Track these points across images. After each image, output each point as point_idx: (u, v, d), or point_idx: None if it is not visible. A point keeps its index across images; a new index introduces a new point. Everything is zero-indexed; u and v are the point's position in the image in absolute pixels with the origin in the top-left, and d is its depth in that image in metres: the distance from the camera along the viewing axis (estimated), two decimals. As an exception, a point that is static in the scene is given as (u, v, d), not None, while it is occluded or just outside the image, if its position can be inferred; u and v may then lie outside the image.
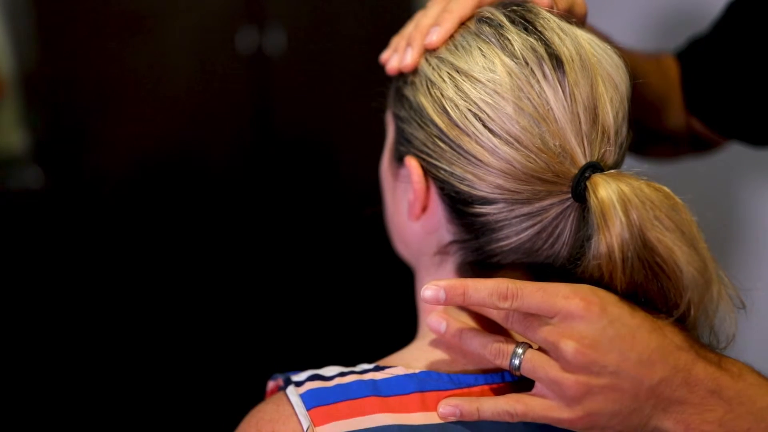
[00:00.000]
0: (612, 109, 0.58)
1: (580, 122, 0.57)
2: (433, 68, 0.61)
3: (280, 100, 1.73)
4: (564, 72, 0.57)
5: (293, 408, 0.58)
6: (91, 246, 1.62)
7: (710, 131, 0.91)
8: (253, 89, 1.70)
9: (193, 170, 1.69)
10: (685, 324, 0.57)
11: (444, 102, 0.59)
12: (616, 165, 0.60)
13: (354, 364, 0.63)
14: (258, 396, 0.65)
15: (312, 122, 1.75)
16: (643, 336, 0.54)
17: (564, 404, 0.55)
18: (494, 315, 0.59)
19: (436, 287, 0.56)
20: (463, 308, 0.62)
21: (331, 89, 1.74)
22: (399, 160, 0.66)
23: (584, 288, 0.56)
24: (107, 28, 1.56)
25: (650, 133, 0.91)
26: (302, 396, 0.58)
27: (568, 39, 0.59)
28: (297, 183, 1.76)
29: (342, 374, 0.61)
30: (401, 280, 0.74)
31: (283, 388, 0.61)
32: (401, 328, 0.83)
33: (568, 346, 0.53)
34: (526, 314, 0.57)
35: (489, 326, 0.61)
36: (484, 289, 0.56)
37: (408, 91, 0.64)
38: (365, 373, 0.61)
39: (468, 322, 0.62)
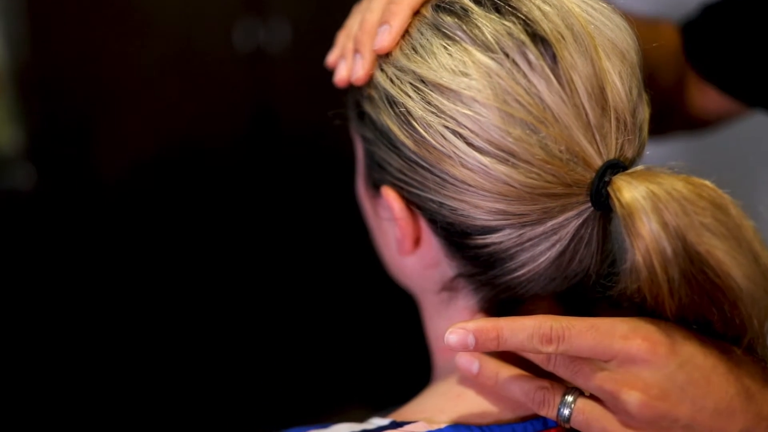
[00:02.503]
0: (623, 86, 0.48)
1: (586, 114, 0.47)
2: (392, 81, 0.51)
3: (283, 103, 1.64)
4: (554, 55, 0.47)
5: None
6: (86, 248, 1.55)
7: (732, 100, 0.82)
8: (254, 91, 1.61)
9: (192, 171, 1.63)
10: (753, 347, 0.48)
11: (413, 122, 0.49)
12: (639, 154, 0.50)
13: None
14: (254, 399, 0.56)
15: (319, 126, 1.64)
16: (719, 380, 0.46)
17: None
18: (532, 356, 0.50)
19: (464, 331, 0.47)
20: None
21: (341, 90, 1.64)
22: (376, 188, 0.56)
23: (645, 324, 0.46)
24: (101, 21, 1.48)
25: None
26: None
27: (552, 10, 0.48)
28: (303, 190, 1.68)
29: None
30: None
31: None
32: (409, 331, 0.73)
33: (632, 398, 0.45)
34: (573, 357, 0.47)
35: (526, 362, 0.52)
36: (523, 331, 0.46)
37: (368, 108, 0.54)
38: (380, 431, 0.52)
39: (501, 359, 0.52)
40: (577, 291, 0.53)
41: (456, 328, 0.47)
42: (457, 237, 0.51)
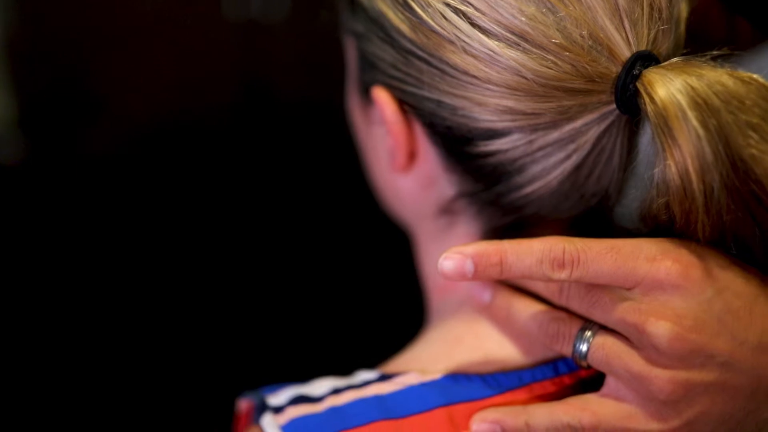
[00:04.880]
0: None
1: None
2: None
3: (280, 80, 1.57)
4: None
5: None
6: (78, 224, 1.50)
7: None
8: (245, 67, 1.54)
9: (186, 147, 1.59)
10: None
11: (409, 1, 0.44)
12: (676, 52, 0.43)
13: (356, 359, 0.51)
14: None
15: (320, 108, 1.60)
16: (763, 310, 0.40)
17: (652, 411, 0.41)
18: (540, 287, 0.45)
19: (461, 256, 0.41)
20: None
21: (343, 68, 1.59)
22: (367, 94, 0.50)
23: (675, 245, 0.40)
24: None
25: None
26: (284, 429, 0.45)
27: None
28: (303, 176, 1.63)
29: (336, 391, 0.46)
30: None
31: (258, 415, 0.47)
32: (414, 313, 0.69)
33: (661, 330, 0.39)
34: (589, 285, 0.42)
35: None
36: (530, 255, 0.41)
37: None
38: (367, 386, 0.46)
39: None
40: (593, 214, 0.47)
41: (452, 253, 0.41)
42: (457, 144, 0.45)
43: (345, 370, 0.51)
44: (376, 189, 0.56)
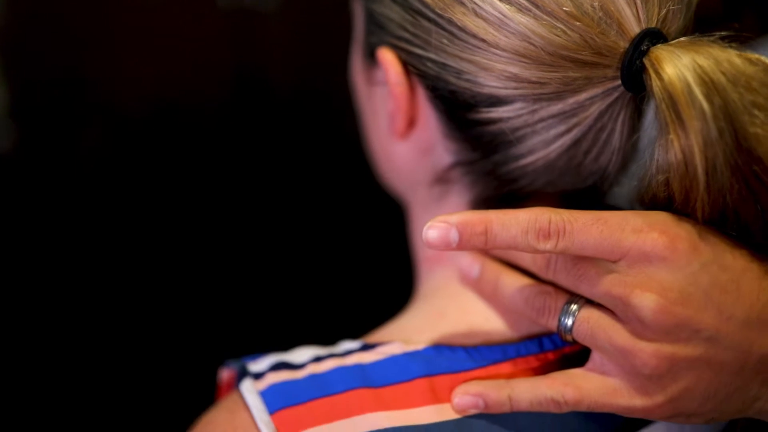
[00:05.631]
0: None
1: None
2: None
3: (273, 69, 1.56)
4: None
5: (251, 413, 0.44)
6: (70, 219, 1.49)
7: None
8: (237, 56, 1.54)
9: (180, 138, 1.58)
10: None
11: None
12: (685, 33, 0.43)
13: (336, 340, 0.49)
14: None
15: (315, 96, 1.59)
16: (751, 285, 0.40)
17: (636, 386, 0.41)
18: (527, 262, 0.44)
19: (445, 225, 0.40)
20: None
21: (340, 54, 1.58)
22: (372, 56, 0.50)
23: (662, 217, 0.40)
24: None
25: None
26: (263, 394, 0.44)
27: None
28: (296, 164, 1.63)
29: (317, 359, 0.46)
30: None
31: (239, 381, 0.47)
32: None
33: (646, 302, 0.38)
34: (576, 258, 0.41)
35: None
36: (516, 225, 0.40)
37: None
38: (349, 354, 0.46)
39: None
40: (586, 192, 0.47)
41: (436, 222, 0.40)
42: (459, 109, 0.45)
43: (331, 343, 0.50)
44: (372, 156, 0.55)
